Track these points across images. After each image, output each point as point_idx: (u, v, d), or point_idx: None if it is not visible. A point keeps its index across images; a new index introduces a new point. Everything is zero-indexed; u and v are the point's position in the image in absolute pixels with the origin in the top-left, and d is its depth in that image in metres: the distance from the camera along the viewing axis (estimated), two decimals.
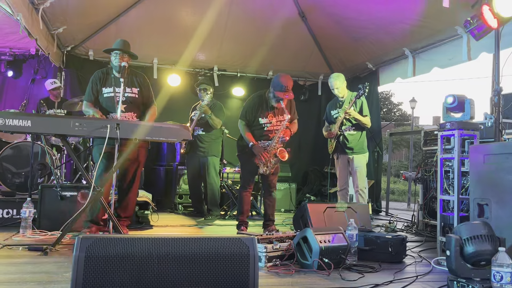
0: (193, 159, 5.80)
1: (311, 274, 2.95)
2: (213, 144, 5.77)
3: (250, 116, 4.43)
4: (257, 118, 4.41)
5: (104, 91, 4.07)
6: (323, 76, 8.10)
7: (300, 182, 7.86)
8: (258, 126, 4.42)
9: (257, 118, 4.41)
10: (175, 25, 6.61)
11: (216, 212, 5.73)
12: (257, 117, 4.41)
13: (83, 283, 1.52)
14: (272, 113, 4.41)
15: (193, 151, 5.76)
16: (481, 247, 2.51)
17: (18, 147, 5.12)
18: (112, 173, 3.60)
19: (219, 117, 5.69)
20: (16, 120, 3.15)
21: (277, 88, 4.24)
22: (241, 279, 1.69)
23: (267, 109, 4.41)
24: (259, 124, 4.42)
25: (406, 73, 6.21)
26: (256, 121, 4.42)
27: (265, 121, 4.40)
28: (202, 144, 5.71)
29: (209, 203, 5.73)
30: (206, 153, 5.70)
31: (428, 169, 5.01)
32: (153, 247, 1.62)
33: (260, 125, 4.41)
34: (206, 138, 5.72)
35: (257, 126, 4.43)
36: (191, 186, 5.95)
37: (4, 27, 6.25)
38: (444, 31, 5.33)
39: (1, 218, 4.40)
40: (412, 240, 4.44)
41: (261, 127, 4.41)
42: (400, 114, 36.15)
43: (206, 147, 5.71)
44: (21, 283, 2.49)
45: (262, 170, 4.33)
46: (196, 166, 5.79)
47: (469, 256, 2.52)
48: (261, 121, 4.41)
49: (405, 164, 26.00)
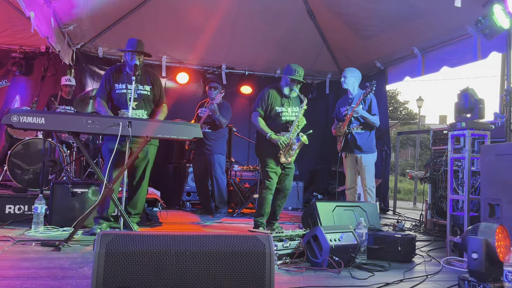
0: (199, 157, 5.83)
1: (321, 272, 2.97)
2: (219, 142, 5.80)
3: (265, 105, 4.41)
4: (273, 106, 4.41)
5: (117, 88, 4.11)
6: (331, 74, 8.10)
7: (308, 181, 7.87)
8: (275, 116, 4.40)
9: (274, 106, 4.41)
10: (183, 23, 6.63)
11: (224, 210, 5.76)
12: (274, 105, 4.41)
13: (103, 278, 1.55)
14: (286, 102, 4.43)
15: (199, 149, 5.79)
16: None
17: (28, 144, 5.17)
18: (123, 170, 3.63)
19: (225, 117, 5.71)
20: (30, 117, 3.19)
21: (288, 72, 4.35)
22: (257, 277, 1.71)
23: (281, 98, 4.44)
24: (276, 113, 4.40)
25: (415, 72, 6.20)
26: (273, 110, 4.41)
27: (281, 109, 4.40)
28: (208, 142, 5.73)
29: (216, 200, 5.76)
30: (212, 151, 5.72)
31: (437, 168, 5.00)
32: (172, 244, 1.65)
33: (277, 113, 4.40)
34: (212, 136, 5.74)
35: (274, 117, 4.41)
36: (198, 184, 5.98)
37: (15, 25, 6.32)
38: (454, 30, 5.31)
39: (13, 214, 4.45)
40: (421, 240, 4.45)
41: (278, 116, 4.40)
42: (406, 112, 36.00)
43: (212, 145, 5.74)
44: (36, 278, 2.53)
45: (283, 159, 4.29)
46: (202, 164, 5.82)
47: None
48: (278, 109, 4.41)
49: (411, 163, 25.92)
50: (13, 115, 3.15)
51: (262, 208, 4.41)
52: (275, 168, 4.37)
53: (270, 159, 4.37)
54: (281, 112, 4.40)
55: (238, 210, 5.90)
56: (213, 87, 5.79)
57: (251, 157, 7.54)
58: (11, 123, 3.15)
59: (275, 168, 4.37)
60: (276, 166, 4.37)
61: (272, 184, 4.38)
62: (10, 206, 4.46)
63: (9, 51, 6.79)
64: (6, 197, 4.52)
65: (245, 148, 7.69)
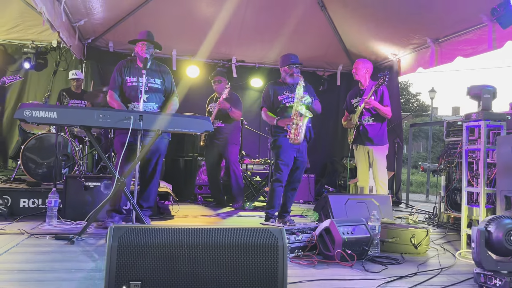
0: (212, 149, 5.83)
1: (334, 266, 2.95)
2: (232, 134, 5.80)
3: (269, 99, 4.49)
4: (275, 97, 4.46)
5: (128, 80, 4.12)
6: (342, 66, 8.01)
7: (319, 173, 7.83)
8: (280, 106, 4.43)
9: (276, 97, 4.46)
10: (193, 16, 6.60)
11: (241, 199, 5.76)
12: (276, 95, 4.46)
13: (116, 271, 1.56)
14: (288, 90, 4.44)
15: (212, 143, 5.79)
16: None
17: (40, 138, 5.22)
18: (135, 164, 3.64)
19: (238, 109, 5.71)
20: (42, 112, 3.20)
21: (285, 62, 4.46)
22: (270, 270, 1.70)
23: (281, 88, 4.49)
24: (279, 102, 4.44)
25: (428, 63, 6.09)
26: (276, 101, 4.45)
27: (283, 97, 4.43)
28: (221, 136, 5.74)
29: (234, 191, 5.78)
30: (225, 142, 5.72)
31: (450, 160, 4.93)
32: (184, 237, 1.64)
33: (280, 102, 4.43)
34: (225, 129, 5.75)
35: (279, 108, 4.43)
36: (210, 177, 5.99)
37: (26, 20, 6.37)
38: (468, 19, 5.19)
39: (27, 208, 4.50)
40: (434, 232, 4.40)
41: (283, 105, 4.41)
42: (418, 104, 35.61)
43: (225, 138, 5.74)
44: (51, 271, 2.56)
45: (293, 137, 4.23)
46: (215, 157, 5.83)
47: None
48: (280, 98, 4.44)
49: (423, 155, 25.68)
50: (26, 110, 3.17)
51: (273, 200, 4.41)
52: (286, 161, 4.35)
53: (281, 151, 4.36)
54: (283, 100, 4.42)
55: (249, 203, 5.90)
56: (217, 81, 5.79)
57: (262, 151, 7.53)
58: (24, 118, 3.18)
59: (287, 162, 4.35)
60: (288, 159, 4.35)
61: (283, 177, 4.37)
62: (25, 200, 4.52)
63: (21, 46, 6.86)
64: (20, 191, 4.58)
65: (255, 141, 7.68)
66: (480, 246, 2.49)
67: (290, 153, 4.36)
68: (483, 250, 2.49)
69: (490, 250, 2.52)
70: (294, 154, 4.39)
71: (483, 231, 2.51)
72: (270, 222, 4.41)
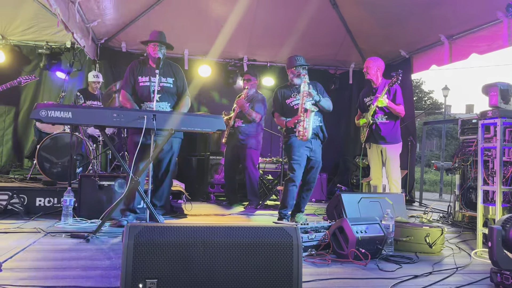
0: (231, 149, 5.84)
1: (348, 265, 2.94)
2: (252, 136, 5.76)
3: (278, 103, 4.53)
4: (283, 101, 4.49)
5: (140, 80, 4.15)
6: (354, 64, 7.97)
7: (331, 172, 7.80)
8: (289, 109, 4.45)
9: (284, 101, 4.49)
10: (205, 16, 6.63)
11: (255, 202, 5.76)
12: (284, 99, 4.49)
13: (133, 269, 1.57)
14: (296, 92, 4.44)
15: (232, 142, 5.80)
16: None
17: (55, 138, 5.29)
18: (148, 163, 3.66)
19: (258, 111, 5.69)
20: (58, 112, 3.25)
21: (292, 63, 4.46)
22: (284, 268, 1.70)
23: (289, 91, 4.52)
24: (287, 105, 4.47)
25: (442, 60, 6.02)
26: (285, 105, 4.48)
27: (291, 100, 4.45)
28: (241, 136, 5.73)
29: (248, 193, 5.78)
30: (245, 145, 5.72)
31: (465, 158, 4.87)
32: (199, 235, 1.65)
33: (289, 106, 4.45)
34: (245, 130, 5.73)
35: (289, 111, 4.45)
36: (227, 176, 6.00)
37: (41, 21, 6.46)
38: (483, 16, 5.12)
39: (43, 206, 4.57)
40: (449, 231, 4.35)
41: (292, 108, 4.43)
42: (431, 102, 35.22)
43: (245, 139, 5.73)
44: (67, 268, 2.60)
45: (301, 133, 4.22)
46: (234, 157, 5.83)
47: None
48: (288, 101, 4.47)
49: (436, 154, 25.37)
50: (42, 110, 3.22)
51: (286, 200, 4.41)
52: (299, 160, 4.35)
53: (294, 151, 4.36)
54: (291, 104, 4.44)
55: (262, 202, 5.90)
56: (246, 79, 5.81)
57: (274, 150, 7.52)
58: (39, 118, 3.23)
59: (299, 160, 4.35)
60: (300, 157, 4.35)
61: (296, 176, 4.36)
62: (40, 199, 4.59)
63: (36, 47, 6.95)
64: (36, 190, 4.65)
65: (267, 140, 7.67)
66: (497, 245, 2.46)
67: (302, 152, 4.36)
68: (499, 249, 2.46)
69: (507, 249, 2.49)
70: (306, 153, 4.38)
71: (499, 230, 2.48)
72: (283, 221, 4.41)
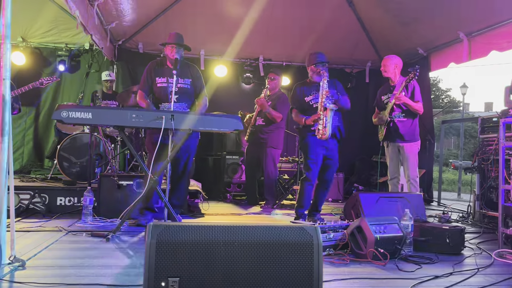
0: (252, 148, 5.84)
1: (367, 264, 2.92)
2: (273, 135, 5.74)
3: (297, 100, 4.48)
4: (302, 98, 4.44)
5: (158, 81, 4.20)
6: (371, 63, 7.90)
7: (348, 172, 7.74)
8: (308, 107, 4.40)
9: (303, 98, 4.44)
10: (221, 16, 6.65)
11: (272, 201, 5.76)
12: (303, 96, 4.44)
13: (155, 268, 1.60)
14: (315, 90, 4.39)
15: (253, 141, 5.82)
16: None
17: (74, 138, 5.38)
18: (166, 163, 3.70)
19: (280, 110, 5.65)
20: (78, 113, 3.31)
21: (312, 61, 4.43)
22: (305, 268, 1.70)
23: (309, 88, 4.46)
24: (307, 103, 4.41)
25: (461, 58, 5.92)
26: (303, 102, 4.43)
27: (310, 98, 4.41)
28: (262, 135, 5.73)
29: (265, 192, 5.79)
30: (265, 144, 5.71)
31: (485, 157, 4.79)
32: (220, 234, 1.67)
33: (308, 104, 4.40)
34: (266, 129, 5.71)
35: (307, 109, 4.40)
36: (248, 175, 6.02)
37: (60, 24, 6.58)
38: (503, 12, 5.02)
39: (64, 206, 4.66)
40: (469, 232, 4.29)
41: (310, 106, 4.38)
42: (448, 100, 34.67)
43: (266, 138, 5.72)
44: (89, 267, 2.64)
45: (321, 131, 4.20)
46: (255, 156, 5.84)
47: None
48: (307, 99, 4.42)
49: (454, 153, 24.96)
50: (63, 111, 3.28)
51: (302, 199, 4.40)
52: (315, 159, 4.33)
53: (310, 149, 4.35)
54: (310, 101, 4.40)
55: (278, 202, 5.90)
56: (271, 78, 5.83)
57: (290, 149, 7.50)
58: (61, 118, 3.29)
59: (315, 159, 4.33)
60: (316, 156, 4.33)
61: (312, 175, 4.35)
62: (61, 198, 4.68)
63: (55, 49, 7.09)
64: (57, 190, 4.75)
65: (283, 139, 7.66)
66: None
67: (318, 151, 4.33)
68: None
69: None
70: (322, 152, 4.35)
71: None
72: (300, 220, 4.41)
